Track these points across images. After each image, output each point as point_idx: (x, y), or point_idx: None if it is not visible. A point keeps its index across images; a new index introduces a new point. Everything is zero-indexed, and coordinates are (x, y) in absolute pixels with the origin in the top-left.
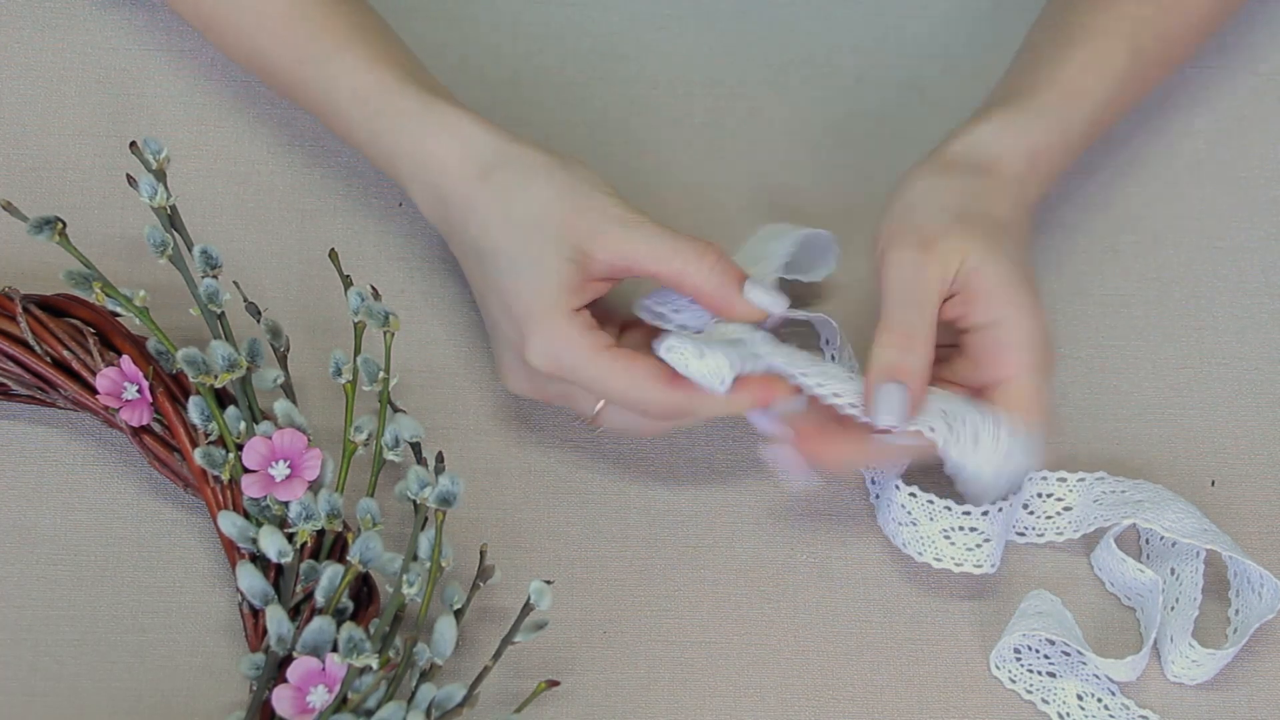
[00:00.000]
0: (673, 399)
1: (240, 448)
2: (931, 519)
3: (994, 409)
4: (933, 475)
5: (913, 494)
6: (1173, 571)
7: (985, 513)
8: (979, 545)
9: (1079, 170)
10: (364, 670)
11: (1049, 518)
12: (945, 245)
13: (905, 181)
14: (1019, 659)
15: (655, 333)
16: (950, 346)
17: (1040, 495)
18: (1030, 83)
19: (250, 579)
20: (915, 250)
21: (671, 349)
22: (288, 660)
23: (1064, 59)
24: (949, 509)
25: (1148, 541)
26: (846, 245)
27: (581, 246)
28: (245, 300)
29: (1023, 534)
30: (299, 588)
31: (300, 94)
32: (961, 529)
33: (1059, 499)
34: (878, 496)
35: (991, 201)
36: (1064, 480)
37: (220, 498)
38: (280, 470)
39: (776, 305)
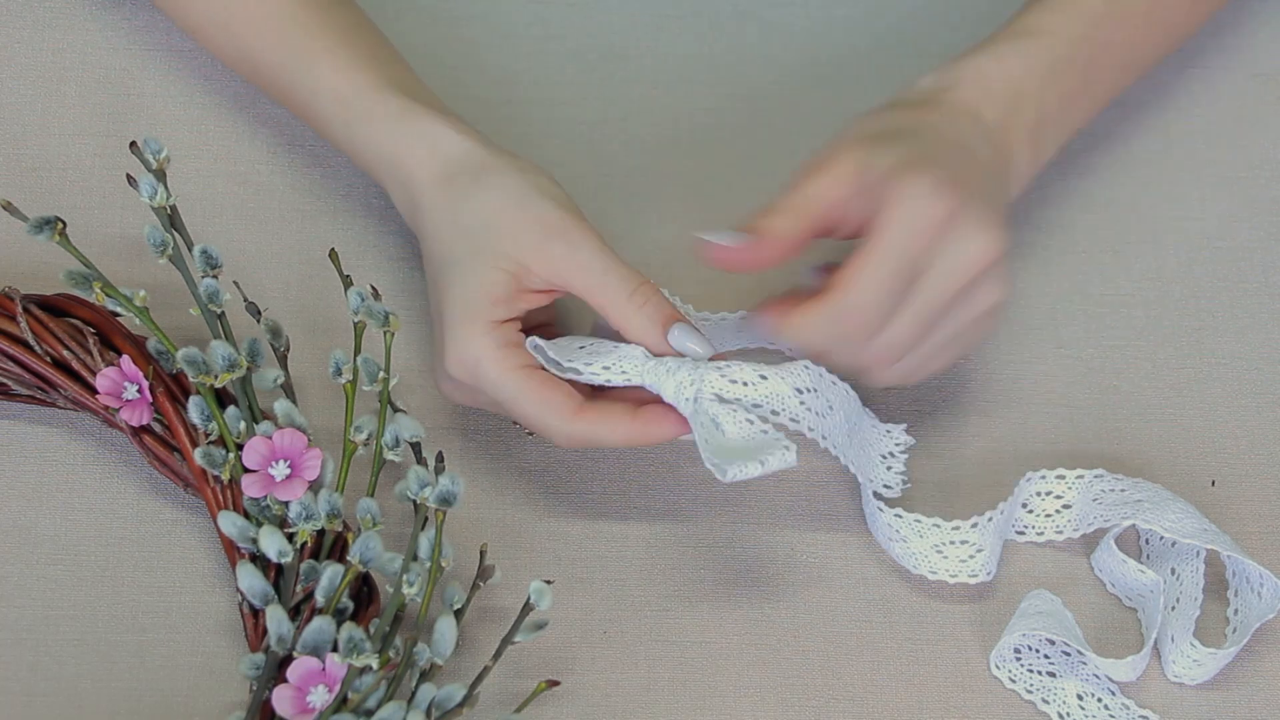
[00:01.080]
0: (575, 430)
1: (240, 448)
2: (921, 536)
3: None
4: (915, 499)
5: (898, 514)
6: (1173, 571)
7: (975, 525)
8: (972, 556)
9: (1079, 170)
10: (364, 670)
11: (1048, 516)
12: (837, 155)
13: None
14: (1019, 659)
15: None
16: None
17: (1039, 494)
18: (991, 35)
19: (250, 579)
20: (806, 167)
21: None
22: (288, 660)
23: (1029, 9)
24: (937, 525)
25: (1148, 542)
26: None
27: (519, 257)
28: (245, 300)
29: (1022, 533)
30: (299, 588)
31: (287, 96)
32: (952, 543)
33: (1058, 496)
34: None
35: (913, 117)
36: (1063, 478)
37: (220, 498)
38: (280, 470)
39: (701, 352)
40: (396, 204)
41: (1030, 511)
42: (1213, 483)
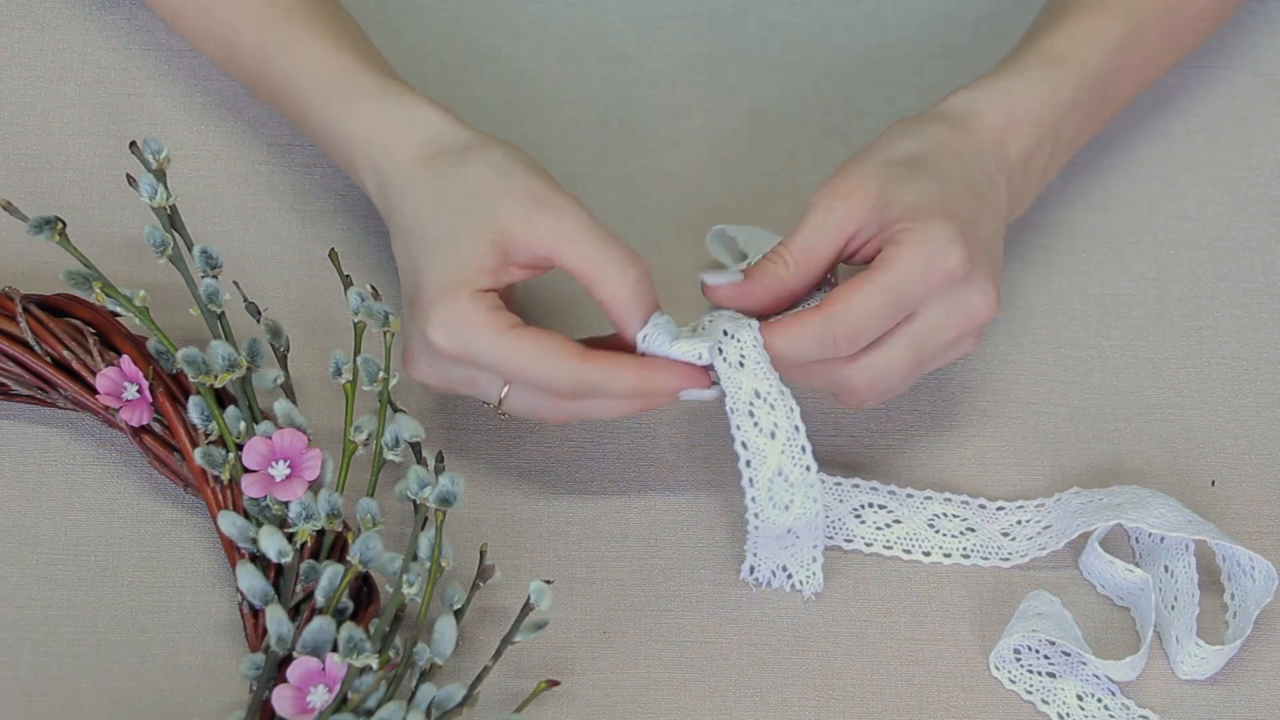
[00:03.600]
0: (580, 375)
1: (240, 448)
2: (841, 500)
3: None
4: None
5: (821, 480)
6: (1167, 569)
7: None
8: (888, 525)
9: (1079, 170)
10: (364, 670)
11: (1030, 539)
12: (856, 185)
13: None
14: (1019, 659)
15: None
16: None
17: (1020, 522)
18: (1017, 52)
19: (250, 579)
20: (825, 194)
21: (647, 338)
22: (288, 660)
23: (1054, 30)
24: (929, 497)
25: (1138, 540)
26: None
27: (506, 229)
28: (245, 300)
29: (1006, 559)
30: (299, 588)
31: (262, 79)
32: (945, 515)
33: (1037, 521)
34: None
35: (938, 145)
36: (1041, 505)
37: (220, 498)
38: (280, 470)
39: (671, 351)
40: (368, 186)
41: (1012, 540)
42: (1213, 483)
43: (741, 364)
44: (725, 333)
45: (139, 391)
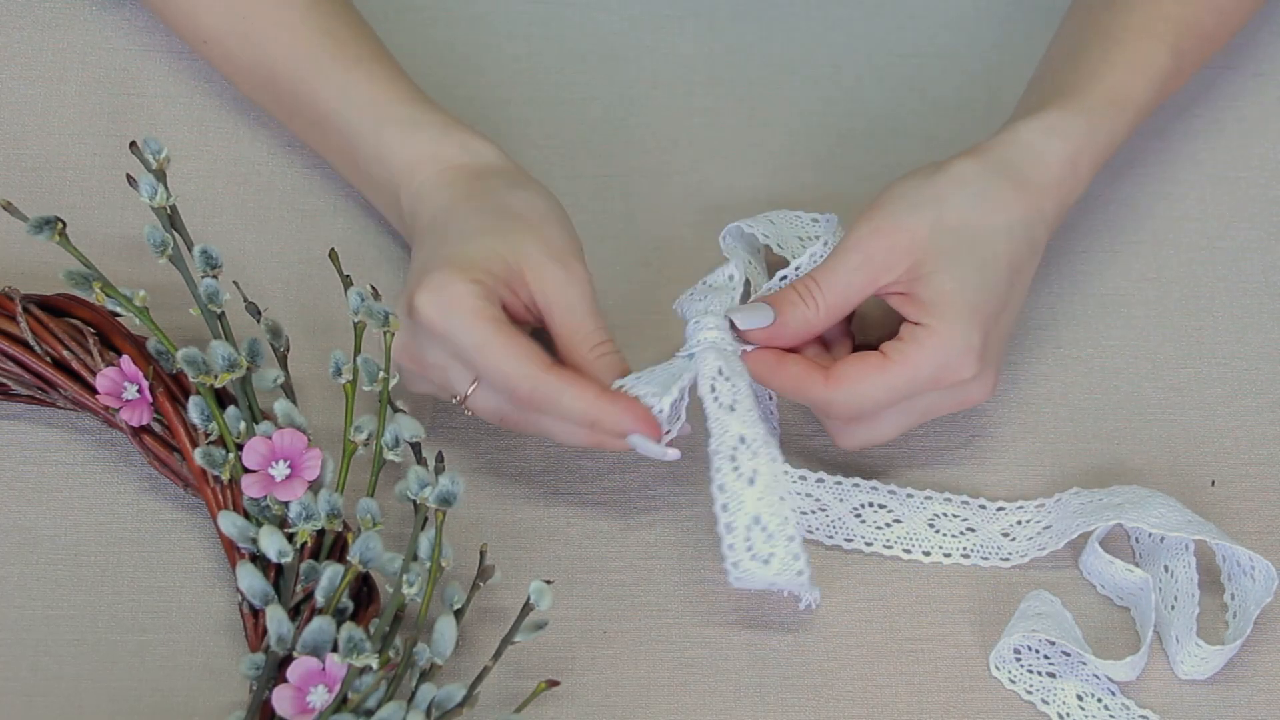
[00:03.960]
0: (538, 384)
1: (240, 448)
2: (841, 500)
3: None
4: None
5: (820, 479)
6: (1167, 569)
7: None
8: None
9: None
10: (364, 670)
11: (1030, 539)
12: (899, 244)
13: (933, 166)
14: (1019, 659)
15: None
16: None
17: (1020, 522)
18: (1074, 81)
19: (250, 579)
20: (869, 234)
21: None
22: (288, 660)
23: (1108, 60)
24: (929, 499)
25: (1138, 541)
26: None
27: (521, 262)
28: (245, 300)
29: (1006, 559)
30: (299, 588)
31: (305, 109)
32: (945, 514)
33: (1037, 521)
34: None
35: (993, 211)
36: (1041, 505)
37: (220, 498)
38: (280, 470)
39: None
40: (403, 206)
41: (1012, 540)
42: (1213, 483)
43: (733, 409)
44: (720, 372)
45: (139, 391)
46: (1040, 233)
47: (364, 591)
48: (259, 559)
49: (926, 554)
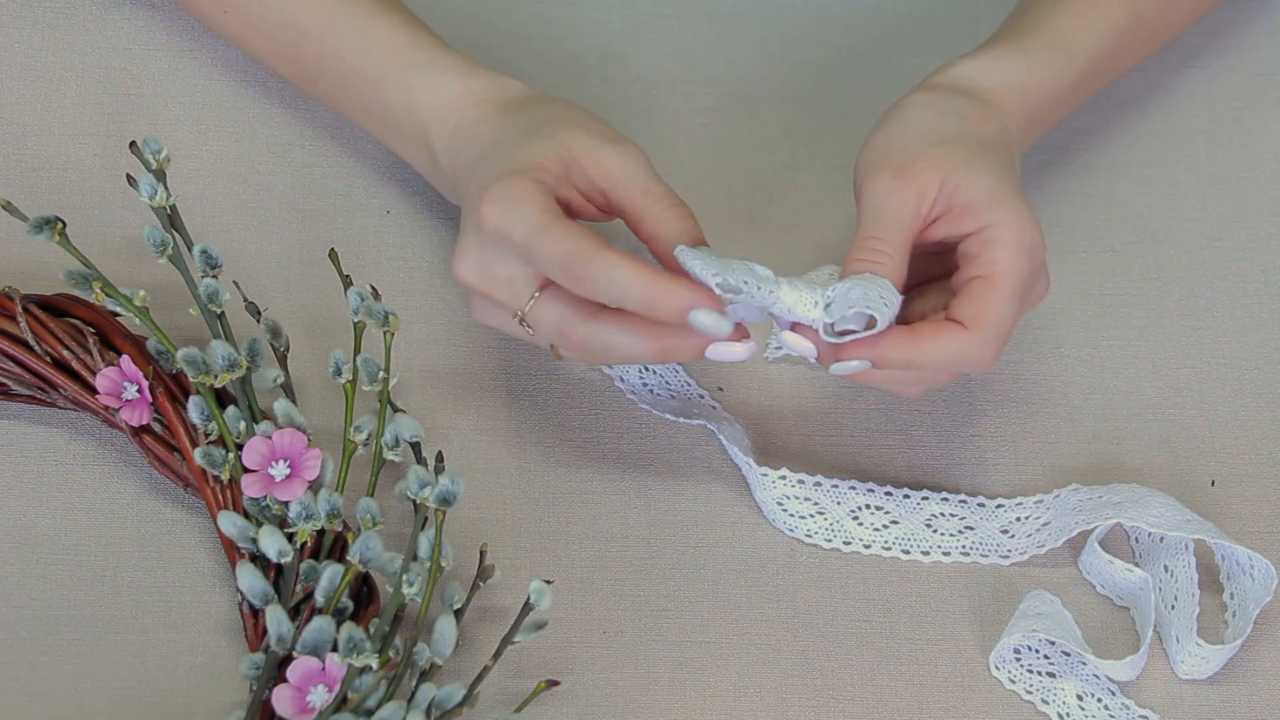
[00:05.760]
0: (599, 259)
1: (240, 448)
2: (839, 503)
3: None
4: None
5: (818, 483)
6: (1166, 569)
7: (890, 493)
8: (886, 526)
9: (1079, 170)
10: (364, 670)
11: (1029, 535)
12: (922, 165)
13: (886, 114)
14: (1019, 659)
15: None
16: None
17: (1019, 519)
18: (1022, 27)
19: (250, 579)
20: (890, 176)
21: (683, 252)
22: (288, 660)
23: (1057, 10)
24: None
25: (1137, 540)
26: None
27: (574, 152)
28: (245, 300)
29: (1005, 557)
30: (299, 588)
31: (333, 66)
32: (942, 515)
33: (1037, 518)
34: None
35: (976, 121)
36: (1040, 501)
37: (220, 498)
38: (280, 470)
39: (702, 273)
40: (436, 148)
41: (1011, 536)
42: (1213, 483)
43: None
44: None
45: (139, 391)
46: (1016, 154)
47: (364, 591)
48: (259, 559)
49: (926, 554)
